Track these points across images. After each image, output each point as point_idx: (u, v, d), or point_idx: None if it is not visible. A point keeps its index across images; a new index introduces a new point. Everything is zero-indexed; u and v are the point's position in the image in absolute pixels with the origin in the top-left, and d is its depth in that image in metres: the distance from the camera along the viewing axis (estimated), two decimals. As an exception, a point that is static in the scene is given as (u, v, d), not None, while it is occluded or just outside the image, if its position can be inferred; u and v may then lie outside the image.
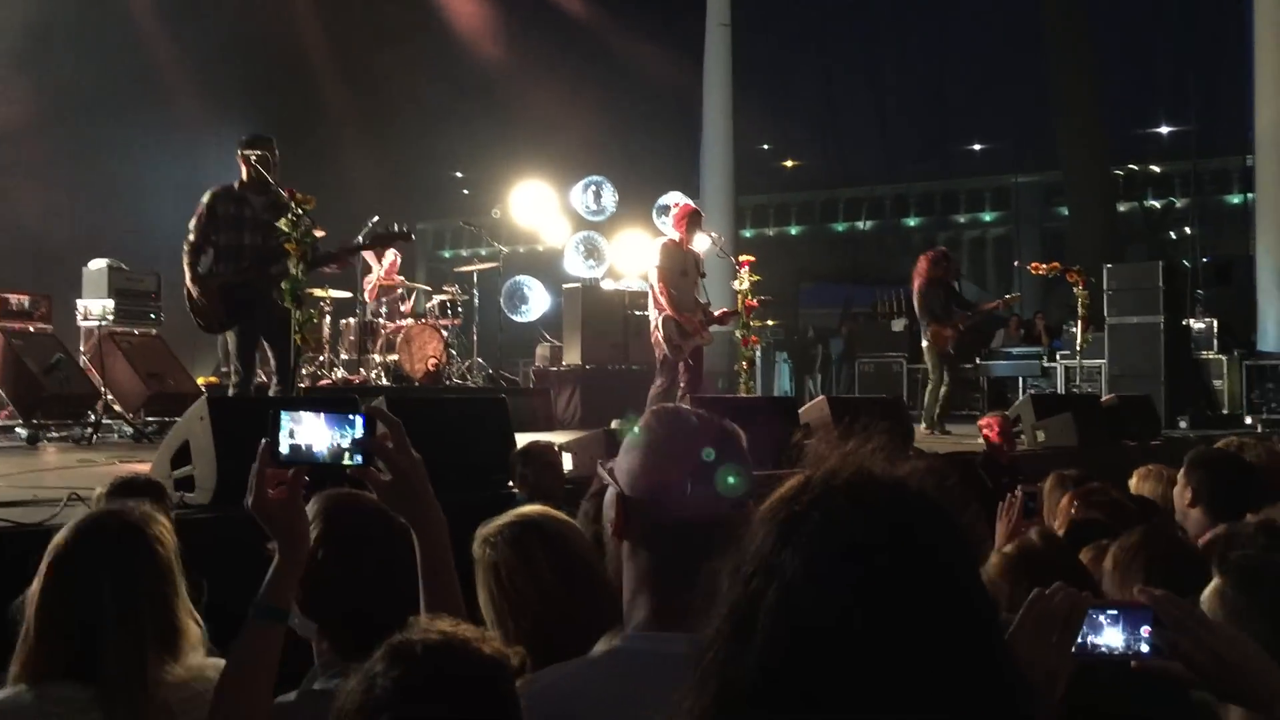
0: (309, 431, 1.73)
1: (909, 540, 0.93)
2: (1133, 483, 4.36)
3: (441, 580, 1.82)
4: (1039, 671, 1.40)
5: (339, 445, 1.73)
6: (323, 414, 1.74)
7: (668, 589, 1.55)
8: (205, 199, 6.89)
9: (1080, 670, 1.46)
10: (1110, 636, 1.46)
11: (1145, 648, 1.45)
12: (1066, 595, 1.47)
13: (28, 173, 11.61)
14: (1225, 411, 13.40)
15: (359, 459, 1.74)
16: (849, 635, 0.89)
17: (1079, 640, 1.46)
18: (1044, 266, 11.64)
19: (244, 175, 6.95)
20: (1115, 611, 1.48)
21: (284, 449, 1.73)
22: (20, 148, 11.62)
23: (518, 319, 13.39)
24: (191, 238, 6.84)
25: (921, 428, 10.15)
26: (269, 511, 1.76)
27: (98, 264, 9.75)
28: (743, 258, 8.94)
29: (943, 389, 10.15)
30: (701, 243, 9.33)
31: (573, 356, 11.93)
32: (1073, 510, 3.42)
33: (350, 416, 1.74)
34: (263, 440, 1.74)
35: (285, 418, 1.73)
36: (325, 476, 1.91)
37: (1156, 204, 31.10)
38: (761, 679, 0.91)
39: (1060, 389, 13.85)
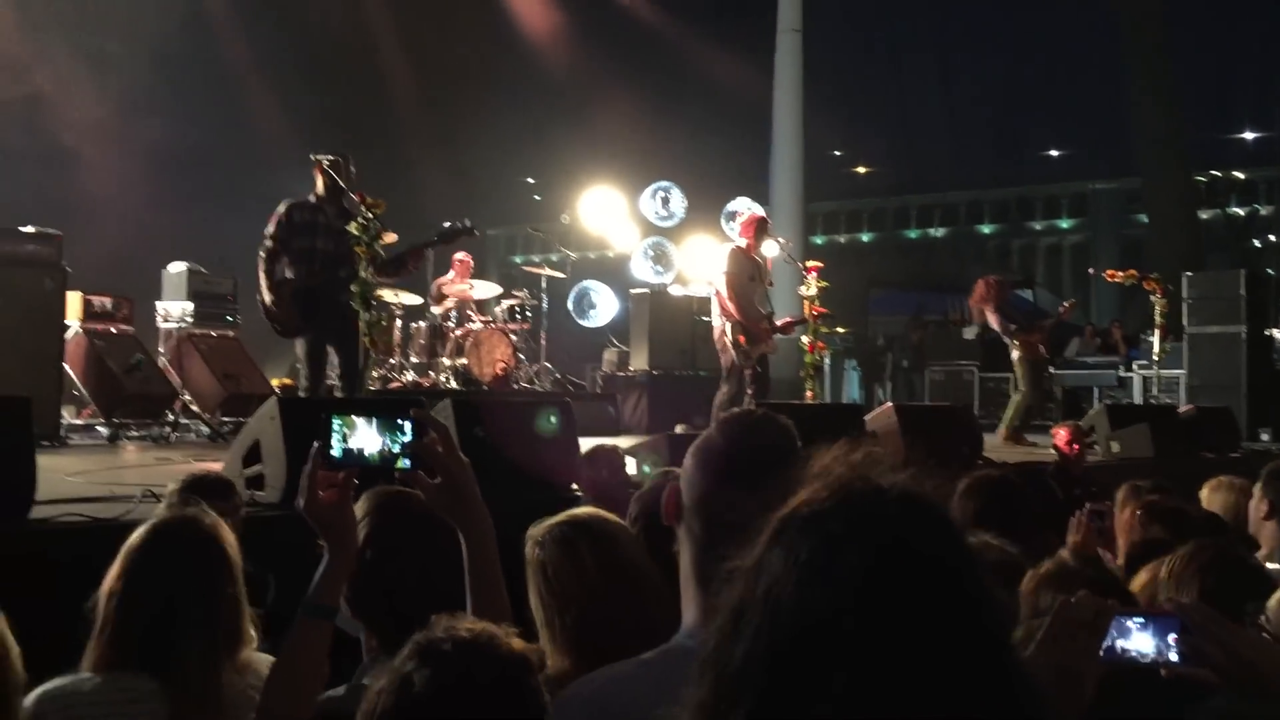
0: (360, 435, 1.77)
1: (885, 539, 0.93)
2: (1204, 493, 4.26)
3: (488, 582, 1.84)
4: (1067, 675, 1.42)
5: (389, 449, 1.76)
6: (374, 418, 1.77)
7: (710, 581, 1.57)
8: (282, 207, 7.04)
9: (1110, 675, 1.47)
10: (1140, 641, 1.49)
11: (1174, 655, 1.47)
12: (1092, 601, 1.48)
13: (112, 179, 11.91)
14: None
15: (408, 463, 1.77)
16: (831, 632, 0.89)
17: (1109, 645, 1.48)
18: (1120, 274, 11.39)
19: (318, 187, 7.08)
20: (1143, 619, 1.49)
21: (336, 452, 1.77)
22: (104, 155, 11.93)
23: (586, 324, 13.44)
24: (268, 244, 6.98)
25: (1000, 435, 10.02)
26: (320, 513, 1.80)
27: (177, 267, 9.97)
28: (809, 264, 8.87)
29: (1027, 399, 10.18)
30: (770, 249, 9.29)
31: (640, 362, 11.95)
32: (1137, 523, 3.34)
33: (400, 421, 1.77)
34: (314, 444, 1.77)
35: (337, 422, 1.77)
36: (375, 479, 1.94)
37: (1240, 211, 30.33)
38: (748, 673, 0.92)
39: (1137, 399, 13.57)
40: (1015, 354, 10.26)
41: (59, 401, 7.98)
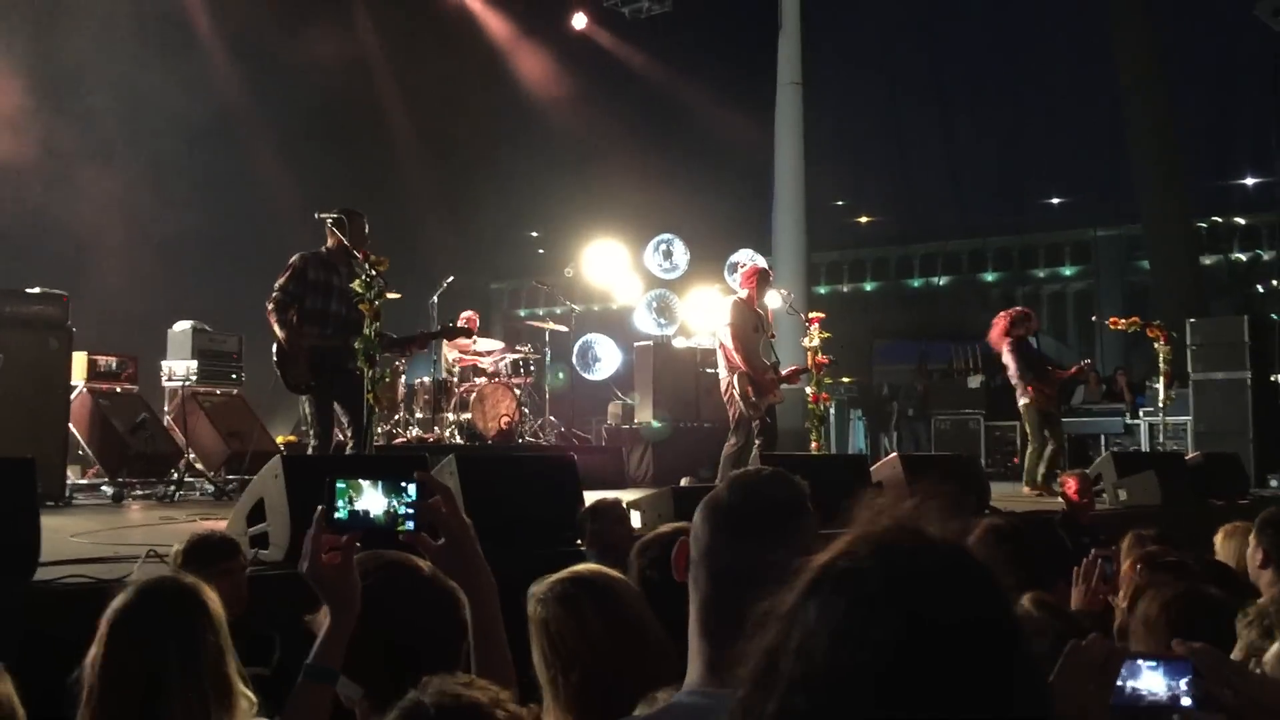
0: (365, 498, 1.78)
1: (922, 603, 0.90)
2: (1218, 539, 4.23)
3: (492, 641, 1.84)
4: (1078, 718, 1.42)
5: (394, 511, 1.77)
6: (378, 480, 1.79)
7: (718, 637, 1.56)
8: (296, 260, 7.03)
9: (1122, 717, 1.46)
10: (1152, 682, 1.48)
11: (1188, 700, 1.46)
12: (1102, 644, 1.48)
13: (117, 238, 11.99)
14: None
15: (412, 525, 1.78)
16: (863, 695, 0.87)
17: (1121, 687, 1.47)
18: (1124, 321, 11.39)
19: (329, 243, 7.10)
20: (1155, 662, 1.49)
21: (340, 515, 1.78)
22: (108, 215, 12.03)
23: (590, 377, 13.46)
24: (278, 295, 6.95)
25: (1024, 489, 9.90)
26: (323, 577, 1.80)
27: (182, 325, 10.02)
28: (812, 315, 8.91)
29: (1049, 448, 9.86)
30: (773, 301, 9.33)
31: (644, 414, 11.95)
32: (1136, 576, 3.32)
33: (403, 483, 1.78)
34: (318, 508, 1.78)
35: (341, 484, 1.78)
36: (379, 541, 1.95)
37: (1242, 257, 30.40)
38: None
39: (1144, 447, 13.53)
40: (1023, 401, 9.99)
41: (64, 461, 7.99)
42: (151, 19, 12.97)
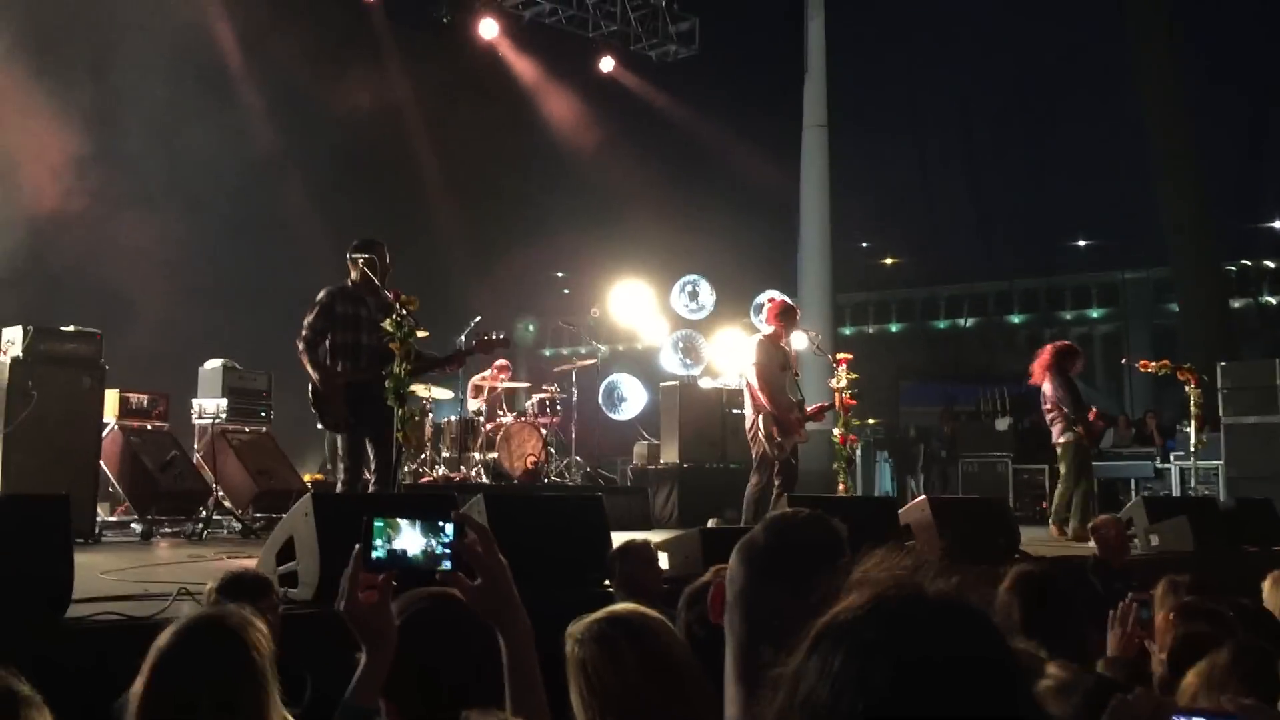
0: (402, 537, 1.79)
1: (917, 650, 0.91)
2: (1266, 585, 4.17)
3: (527, 683, 1.84)
4: None
5: (431, 551, 1.79)
6: (416, 520, 1.80)
7: (753, 681, 1.56)
8: (322, 296, 7.09)
9: None
10: None
11: None
12: (1149, 698, 1.46)
13: (147, 276, 12.13)
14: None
15: (449, 564, 1.79)
16: None
17: None
18: (1154, 364, 11.30)
19: (354, 277, 7.18)
20: (1202, 718, 1.47)
21: (380, 554, 1.79)
22: (141, 253, 12.17)
23: (616, 417, 13.46)
24: (306, 334, 7.01)
25: (1051, 528, 9.79)
26: (359, 615, 1.81)
27: (213, 364, 10.11)
28: (840, 355, 8.89)
29: (1081, 491, 9.62)
30: (799, 341, 9.32)
31: (670, 455, 11.93)
32: (1171, 625, 3.28)
33: (441, 523, 1.80)
34: (355, 546, 1.79)
35: (379, 524, 1.80)
36: (416, 581, 1.96)
37: (1272, 300, 30.19)
38: None
39: (1175, 491, 13.39)
40: (1066, 438, 9.67)
41: (95, 499, 8.05)
42: (189, 66, 13.17)
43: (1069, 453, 9.71)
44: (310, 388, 7.03)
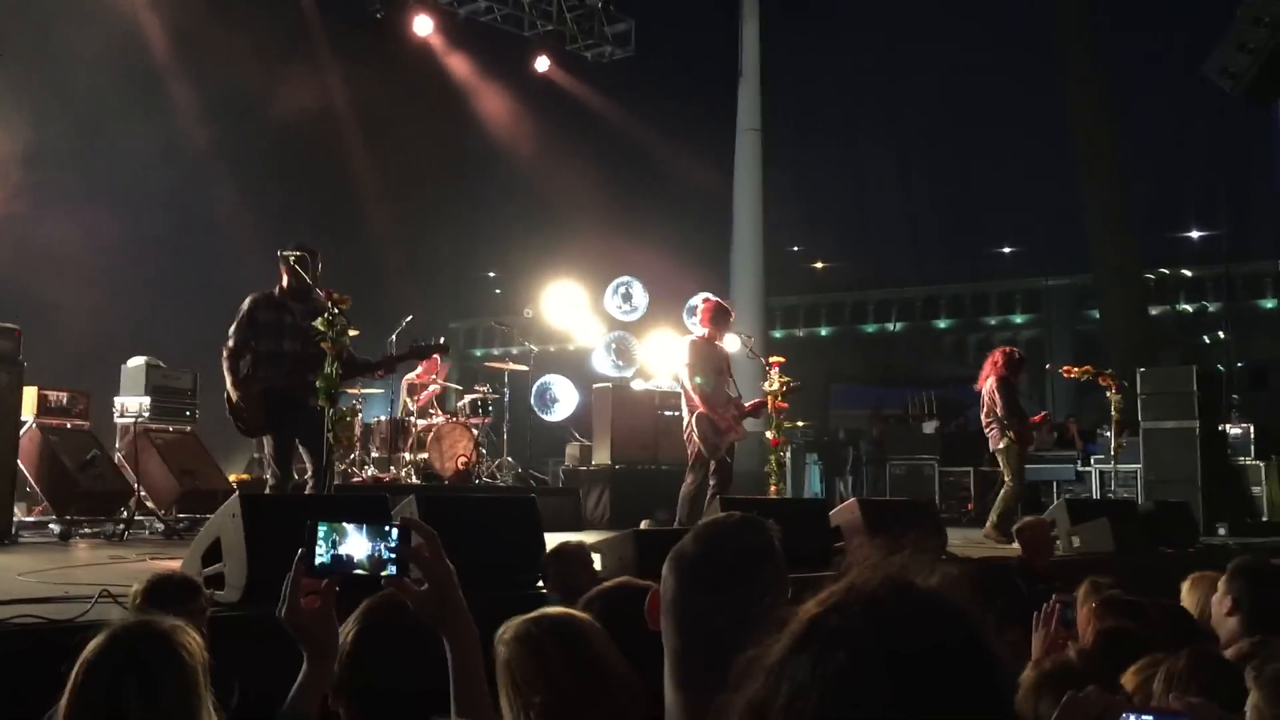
0: (348, 543, 1.76)
1: (930, 651, 0.91)
2: (1184, 586, 4.28)
3: (473, 688, 1.83)
4: None
5: (377, 556, 1.76)
6: (362, 525, 1.77)
7: (692, 687, 1.57)
8: (246, 305, 7.01)
9: None
10: None
11: None
12: (1100, 696, 1.49)
13: (71, 271, 11.86)
14: (1265, 519, 13.17)
15: (393, 570, 1.77)
16: None
17: None
18: (1076, 370, 11.51)
19: (284, 282, 7.07)
20: (1152, 715, 1.49)
21: (325, 559, 1.76)
22: (63, 247, 11.90)
23: (548, 418, 13.43)
24: (231, 343, 6.94)
25: (987, 530, 9.82)
26: (301, 622, 1.78)
27: (136, 361, 9.89)
28: (773, 359, 8.95)
29: (1007, 492, 9.69)
30: (732, 343, 9.37)
31: (602, 456, 11.93)
32: (1094, 620, 3.35)
33: (387, 528, 1.77)
34: (299, 551, 1.76)
35: (323, 529, 1.76)
36: (361, 586, 1.93)
37: (1189, 308, 31.01)
38: None
39: (1095, 494, 13.68)
40: (1003, 443, 9.71)
41: (11, 499, 7.82)
42: (117, 61, 12.89)
43: (1010, 456, 9.73)
44: (225, 395, 6.95)
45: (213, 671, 2.38)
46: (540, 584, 5.01)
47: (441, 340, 7.47)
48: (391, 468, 11.37)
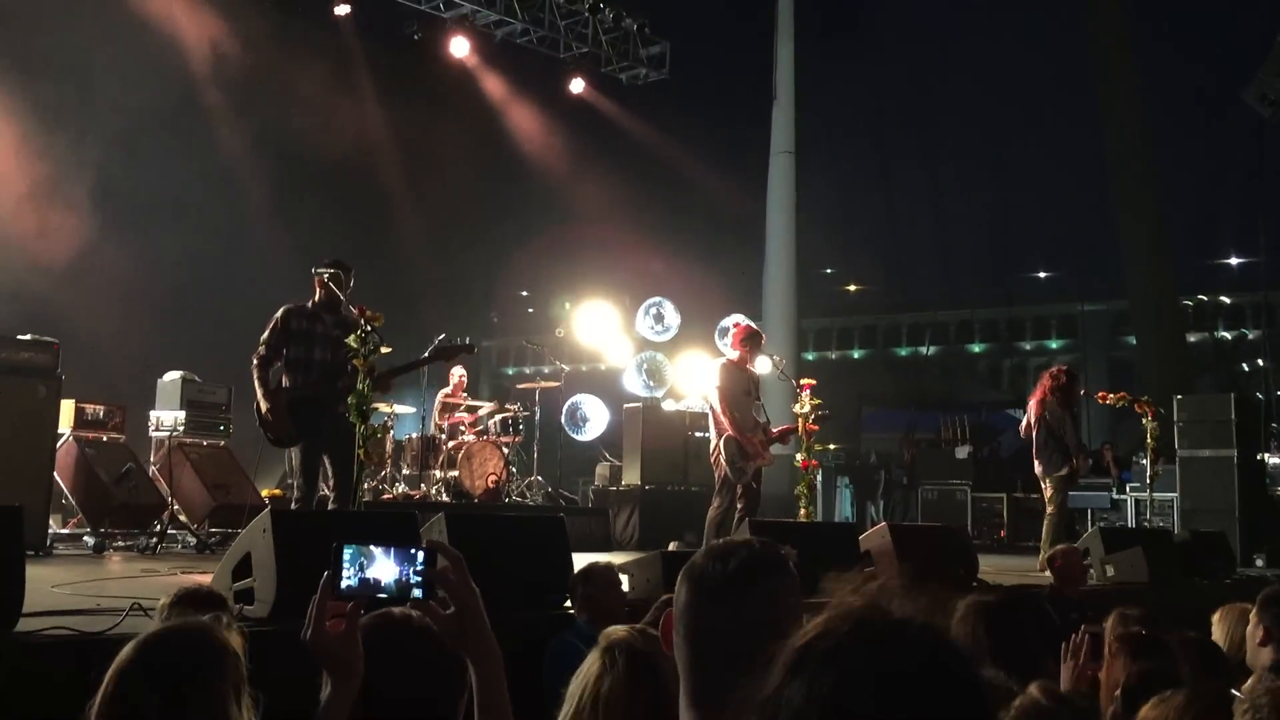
0: (375, 566, 1.75)
1: (915, 671, 0.94)
2: (1215, 618, 4.22)
3: (496, 713, 1.82)
4: None
5: (404, 580, 1.75)
6: (390, 549, 1.77)
7: (705, 705, 1.56)
8: (279, 314, 7.09)
9: None
10: None
11: None
12: None
13: (109, 287, 12.00)
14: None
15: (419, 593, 1.76)
16: None
17: None
18: (1112, 396, 11.36)
19: (317, 296, 7.15)
20: None
21: (350, 582, 1.75)
22: (102, 263, 12.05)
23: (578, 438, 13.43)
24: (262, 351, 7.02)
25: (1040, 564, 9.52)
26: (325, 645, 1.77)
27: (172, 376, 9.98)
28: (804, 381, 8.92)
29: (1053, 520, 9.39)
30: (763, 365, 9.34)
31: (632, 476, 11.91)
32: (1117, 657, 3.30)
33: (413, 551, 1.76)
34: (325, 574, 1.76)
35: (349, 551, 1.76)
36: (385, 608, 1.93)
37: (1228, 335, 30.68)
38: None
39: (1130, 522, 13.52)
40: (1065, 470, 9.34)
41: (48, 510, 7.91)
42: (151, 72, 13.07)
43: (1056, 484, 9.44)
44: (255, 404, 7.00)
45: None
46: (568, 604, 5.00)
47: (467, 340, 7.48)
48: (422, 485, 11.40)
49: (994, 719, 0.97)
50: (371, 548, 1.77)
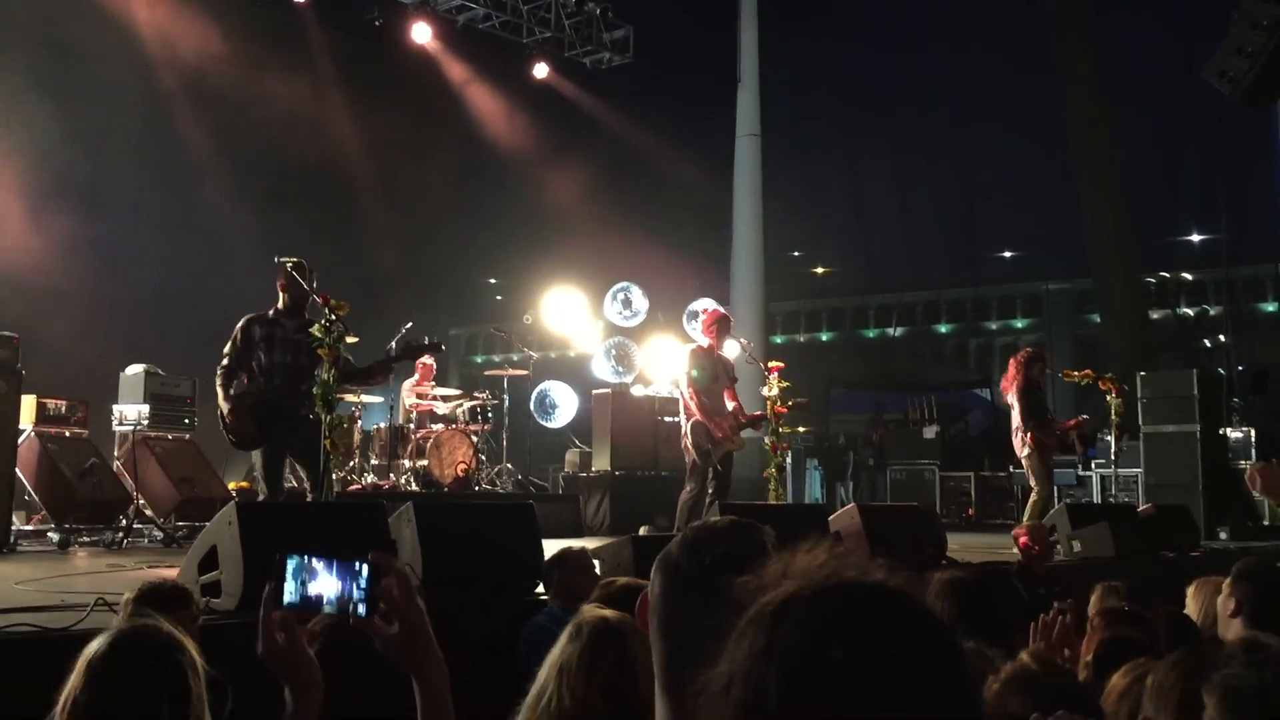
0: (318, 581, 1.69)
1: (869, 629, 0.93)
2: (1189, 592, 4.26)
3: None
4: None
5: (346, 595, 1.68)
6: (334, 562, 1.70)
7: (676, 692, 1.55)
8: (240, 325, 6.94)
9: None
10: None
11: None
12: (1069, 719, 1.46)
13: (70, 281, 11.85)
14: (1266, 523, 13.15)
15: (362, 609, 1.68)
16: (811, 707, 0.90)
17: None
18: (1077, 374, 11.45)
19: (280, 300, 7.01)
20: None
21: (291, 596, 1.69)
22: (62, 256, 11.90)
23: (547, 424, 13.41)
24: (225, 362, 6.88)
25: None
26: (279, 658, 1.71)
27: (134, 369, 9.88)
28: (772, 364, 8.94)
29: (1036, 498, 9.45)
30: (731, 349, 9.36)
31: (602, 462, 11.92)
32: (1096, 629, 3.33)
33: (358, 566, 1.70)
34: (267, 586, 1.70)
35: (292, 563, 1.70)
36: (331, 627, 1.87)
37: (1190, 311, 31.00)
38: None
39: (1095, 498, 13.66)
40: (1024, 450, 9.52)
41: (9, 507, 7.83)
42: (111, 65, 12.90)
43: (1031, 463, 9.56)
44: (218, 414, 6.92)
45: (208, 679, 2.37)
46: (539, 590, 4.99)
47: (437, 340, 7.40)
48: (391, 475, 11.35)
49: (973, 688, 0.96)
50: (314, 561, 1.70)
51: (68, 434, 9.21)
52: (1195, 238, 31.26)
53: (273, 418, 6.77)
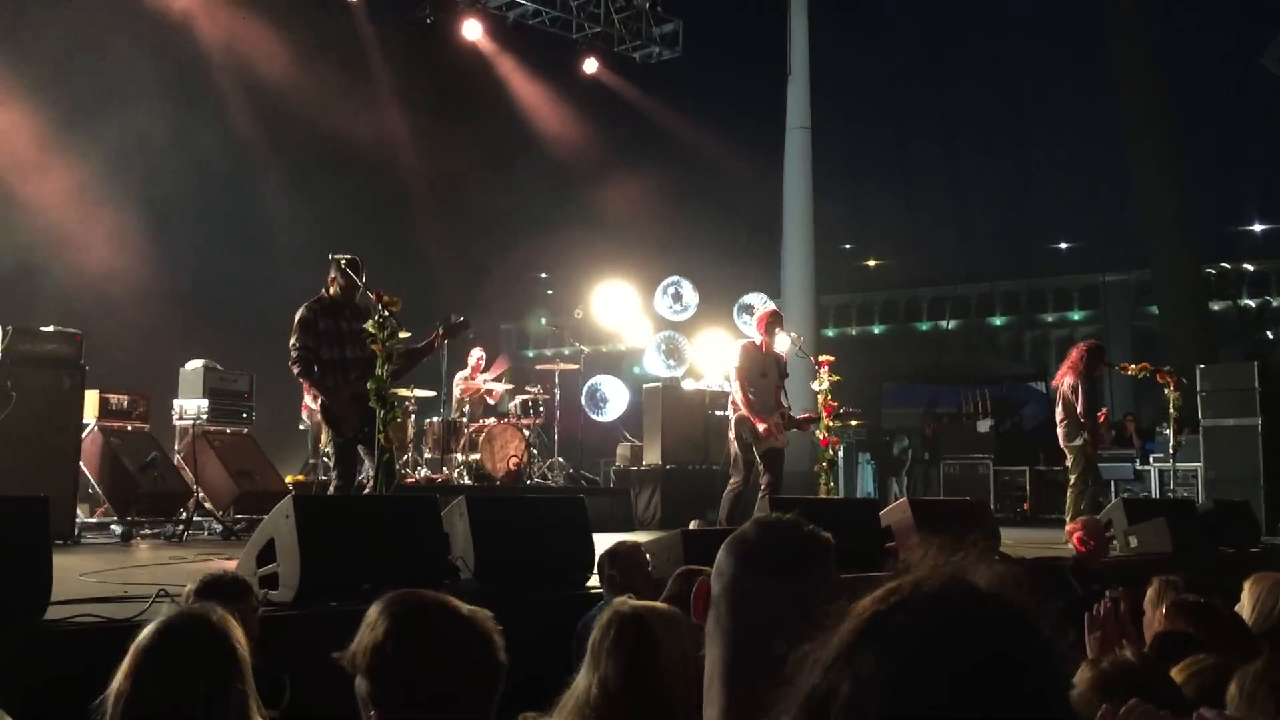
0: None
1: (993, 654, 0.90)
2: (1245, 586, 4.20)
3: None
4: None
5: None
6: None
7: (740, 679, 1.55)
8: (302, 313, 6.90)
9: None
10: None
11: None
12: (1142, 711, 1.44)
13: (131, 278, 12.07)
14: (1330, 517, 12.89)
15: None
16: None
17: None
18: (1134, 367, 11.27)
19: (332, 287, 7.06)
20: None
21: None
22: (123, 254, 12.11)
23: (598, 418, 13.46)
24: (299, 354, 6.81)
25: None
26: None
27: (194, 364, 10.05)
28: (822, 358, 8.91)
29: (1089, 490, 9.47)
30: (782, 343, 9.34)
31: (653, 456, 11.93)
32: (1162, 618, 3.30)
33: None
34: None
35: None
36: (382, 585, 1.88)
37: (1251, 303, 30.38)
38: None
39: (1154, 493, 13.46)
40: (1077, 441, 9.45)
41: (75, 500, 8.00)
42: (168, 64, 13.11)
43: (1081, 456, 9.51)
44: (320, 404, 6.92)
45: (264, 670, 2.42)
46: (589, 583, 5.02)
47: (462, 318, 7.39)
48: (444, 468, 11.45)
49: (1069, 708, 0.93)
50: None
51: (130, 428, 9.39)
52: (1257, 227, 30.62)
53: (363, 409, 6.76)
